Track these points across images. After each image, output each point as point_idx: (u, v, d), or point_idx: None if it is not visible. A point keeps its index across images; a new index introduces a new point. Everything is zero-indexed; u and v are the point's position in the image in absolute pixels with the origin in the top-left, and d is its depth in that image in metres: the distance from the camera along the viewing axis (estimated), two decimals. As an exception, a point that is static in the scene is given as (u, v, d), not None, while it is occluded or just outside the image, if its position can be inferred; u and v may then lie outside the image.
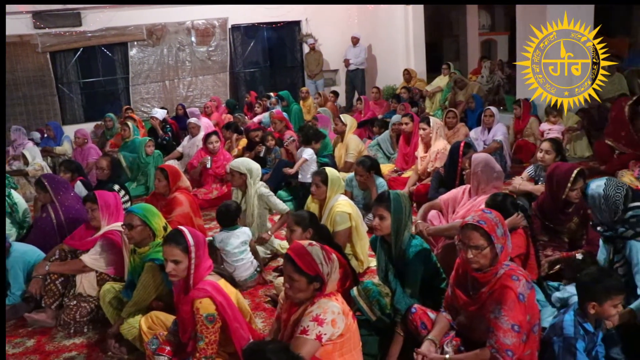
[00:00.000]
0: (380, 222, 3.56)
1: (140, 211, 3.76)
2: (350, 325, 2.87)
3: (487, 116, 7.48)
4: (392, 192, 3.66)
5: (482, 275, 2.93)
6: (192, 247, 3.04)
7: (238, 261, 4.69)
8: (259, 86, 14.69)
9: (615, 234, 3.29)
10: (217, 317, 2.94)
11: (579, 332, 2.86)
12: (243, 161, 5.38)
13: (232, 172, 5.26)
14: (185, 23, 13.75)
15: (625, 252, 3.26)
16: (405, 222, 3.53)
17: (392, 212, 3.51)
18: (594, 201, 3.31)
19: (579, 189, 4.02)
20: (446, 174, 5.54)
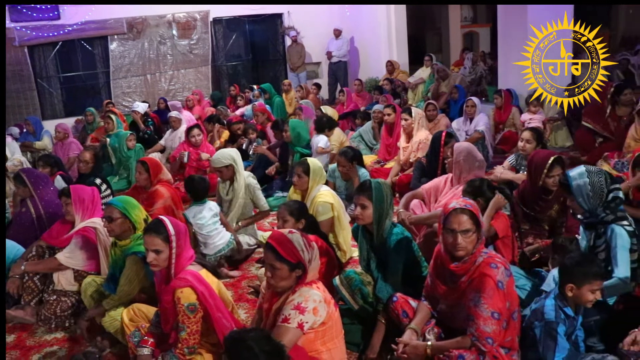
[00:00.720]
0: (362, 211, 3.56)
1: (120, 204, 3.73)
2: (332, 313, 2.87)
3: (469, 107, 7.52)
4: (373, 181, 3.66)
5: (459, 267, 2.94)
6: (173, 237, 3.03)
7: (212, 231, 4.79)
8: (242, 79, 14.62)
9: (597, 220, 3.32)
10: (199, 307, 2.93)
11: (559, 317, 2.88)
12: (222, 153, 5.30)
13: (219, 169, 5.20)
14: (166, 16, 13.62)
15: (607, 236, 3.30)
16: (386, 211, 3.54)
17: (373, 201, 3.51)
18: (580, 190, 3.32)
19: (556, 176, 4.07)
20: (428, 164, 5.57)
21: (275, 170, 6.84)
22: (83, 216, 4.23)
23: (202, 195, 4.91)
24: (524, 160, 5.20)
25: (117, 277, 3.71)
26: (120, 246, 3.78)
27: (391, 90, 10.98)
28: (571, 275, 2.87)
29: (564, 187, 3.44)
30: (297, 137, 6.62)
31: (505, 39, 9.52)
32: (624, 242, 3.24)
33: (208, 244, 4.76)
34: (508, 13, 9.37)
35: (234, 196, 5.18)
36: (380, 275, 3.53)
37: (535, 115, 7.92)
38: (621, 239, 3.24)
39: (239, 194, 5.17)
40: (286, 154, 6.85)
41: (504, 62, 9.63)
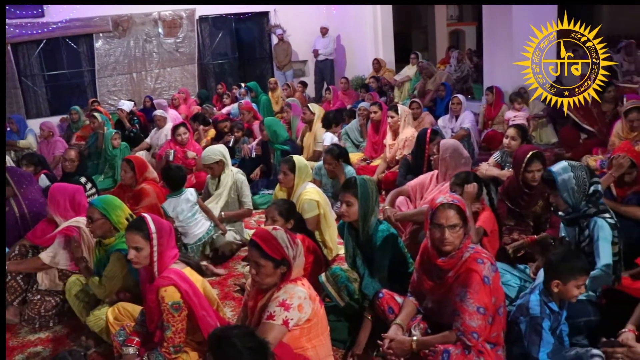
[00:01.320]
0: (348, 209, 3.57)
1: (100, 204, 3.71)
2: (317, 310, 2.87)
3: (455, 104, 7.55)
4: (358, 177, 3.66)
5: (446, 262, 2.95)
6: (154, 235, 3.02)
7: (191, 221, 4.84)
8: (228, 78, 14.57)
9: (580, 214, 3.35)
10: (183, 305, 2.92)
11: (544, 312, 2.90)
12: (212, 150, 5.34)
13: (210, 166, 5.22)
14: (152, 14, 13.55)
15: (590, 229, 3.33)
16: (372, 208, 3.54)
17: (359, 198, 3.52)
18: (565, 184, 3.33)
19: (535, 172, 4.11)
20: (414, 161, 5.58)
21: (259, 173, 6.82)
22: (65, 216, 4.19)
23: (179, 185, 4.95)
24: (509, 157, 5.23)
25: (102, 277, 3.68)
26: (104, 245, 3.76)
27: (377, 88, 11.00)
28: (557, 272, 2.89)
29: (548, 183, 3.44)
30: (274, 134, 6.59)
31: (490, 37, 9.58)
32: (605, 234, 3.28)
33: (188, 234, 4.80)
34: (493, 12, 9.43)
35: (223, 189, 5.21)
36: (366, 271, 3.53)
37: (519, 113, 7.97)
38: (603, 231, 3.28)
39: (227, 185, 5.21)
40: (267, 152, 6.83)
41: (489, 59, 9.69)
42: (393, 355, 2.97)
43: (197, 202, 4.97)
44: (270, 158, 6.78)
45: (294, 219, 3.96)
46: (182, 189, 4.95)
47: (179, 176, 4.97)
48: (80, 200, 4.31)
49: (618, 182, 4.19)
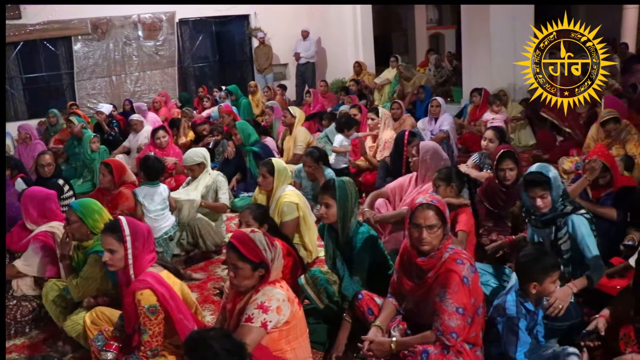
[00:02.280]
0: (326, 210, 3.58)
1: (78, 207, 3.71)
2: (296, 312, 2.88)
3: (434, 106, 7.59)
4: (337, 179, 3.68)
5: (426, 262, 2.97)
6: (128, 237, 3.00)
7: (159, 215, 4.93)
8: (208, 81, 14.50)
9: (558, 213, 3.41)
10: (160, 309, 2.90)
11: (520, 312, 2.93)
12: (194, 152, 5.39)
13: (191, 167, 5.24)
14: (131, 17, 13.42)
15: (568, 228, 3.39)
16: (351, 209, 3.56)
17: (337, 199, 3.54)
18: (556, 182, 3.42)
19: (506, 170, 4.17)
20: (392, 163, 5.60)
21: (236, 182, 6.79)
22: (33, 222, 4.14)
23: (156, 176, 5.06)
24: (487, 159, 5.29)
25: None
26: (83, 247, 3.73)
27: (357, 91, 11.04)
28: (531, 274, 2.93)
29: (538, 183, 3.43)
30: (247, 137, 6.61)
31: (469, 41, 9.68)
32: (588, 229, 3.36)
33: (154, 227, 4.80)
34: (471, 15, 9.53)
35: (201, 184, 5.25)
36: (346, 273, 3.54)
37: (497, 115, 8.05)
38: (585, 227, 3.36)
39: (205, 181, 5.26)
40: (241, 157, 6.80)
41: (468, 62, 9.78)
42: (373, 356, 2.99)
43: (168, 199, 5.04)
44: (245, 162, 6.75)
45: (268, 223, 3.95)
46: (158, 181, 5.06)
47: (156, 167, 5.08)
48: (50, 206, 4.24)
49: (593, 184, 4.26)
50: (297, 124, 7.36)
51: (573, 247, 3.39)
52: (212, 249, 5.16)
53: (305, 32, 13.55)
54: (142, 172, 5.15)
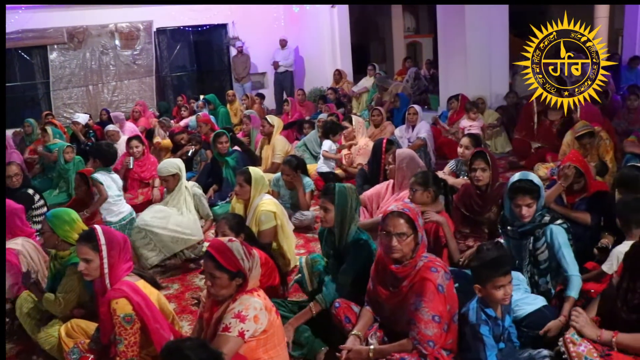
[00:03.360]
0: (325, 214, 3.59)
1: (50, 217, 3.69)
2: (273, 320, 2.86)
3: (411, 114, 7.65)
4: (338, 185, 3.68)
5: (400, 269, 2.98)
6: (103, 246, 2.97)
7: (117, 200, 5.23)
8: (187, 90, 14.44)
9: (537, 223, 3.45)
10: (135, 318, 2.87)
11: (480, 318, 2.93)
12: (169, 162, 5.29)
13: (165, 178, 5.15)
14: (108, 26, 13.37)
15: (546, 238, 3.42)
16: (350, 215, 3.55)
17: (336, 204, 3.53)
18: (542, 192, 3.46)
19: (478, 169, 4.25)
20: (370, 171, 5.64)
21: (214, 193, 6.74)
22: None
23: (111, 160, 5.44)
24: (464, 166, 5.34)
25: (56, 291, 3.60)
26: (60, 257, 3.69)
27: (335, 99, 11.09)
28: (476, 276, 2.95)
29: (528, 191, 3.42)
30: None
31: (445, 49, 9.77)
32: (565, 239, 3.39)
33: (112, 210, 4.79)
34: (447, 24, 9.63)
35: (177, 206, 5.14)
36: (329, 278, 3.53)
37: (474, 122, 8.13)
38: (562, 237, 3.39)
39: (177, 198, 5.14)
40: (217, 167, 6.76)
41: (445, 70, 9.88)
42: (351, 365, 2.98)
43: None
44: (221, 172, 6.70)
45: (245, 233, 3.94)
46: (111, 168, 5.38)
47: (110, 152, 5.41)
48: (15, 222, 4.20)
49: (568, 190, 4.34)
50: (276, 132, 7.35)
51: (550, 256, 3.42)
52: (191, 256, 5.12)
53: (284, 40, 13.61)
54: (98, 159, 5.51)
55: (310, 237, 5.66)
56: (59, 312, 3.57)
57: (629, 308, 2.73)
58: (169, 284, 4.84)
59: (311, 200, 5.90)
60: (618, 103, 8.69)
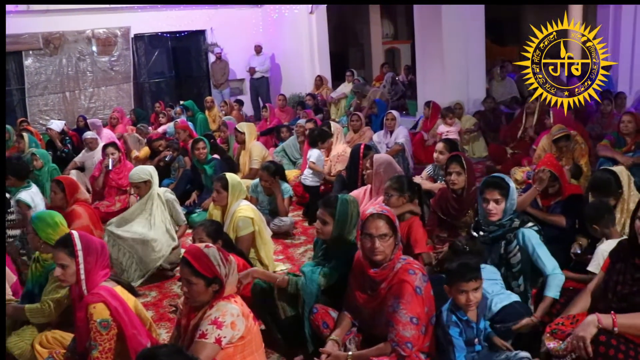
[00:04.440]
0: (322, 227, 3.52)
1: (34, 218, 3.72)
2: (251, 327, 2.85)
3: (389, 120, 7.69)
4: (341, 197, 3.58)
5: (378, 273, 3.00)
6: (79, 252, 2.94)
7: None
8: (165, 97, 14.35)
9: (507, 228, 3.49)
10: (112, 323, 2.84)
11: (450, 319, 2.96)
12: (141, 169, 5.24)
13: (137, 185, 5.11)
14: (85, 32, 13.22)
15: (518, 241, 3.46)
16: (348, 230, 3.49)
17: (335, 218, 3.47)
18: (513, 194, 3.51)
19: (454, 173, 4.30)
20: (348, 176, 5.65)
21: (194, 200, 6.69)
22: None
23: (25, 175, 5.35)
24: (441, 170, 5.38)
25: (35, 294, 3.59)
26: (43, 260, 3.67)
27: (314, 105, 11.12)
28: (447, 278, 2.99)
29: (497, 186, 3.51)
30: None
31: (423, 55, 9.86)
32: (538, 240, 3.44)
33: None
34: (425, 30, 9.71)
35: (150, 213, 5.09)
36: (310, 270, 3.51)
37: (451, 128, 8.20)
38: (535, 239, 3.43)
39: (150, 205, 5.09)
40: (197, 174, 6.73)
41: (422, 76, 9.96)
42: (330, 371, 2.99)
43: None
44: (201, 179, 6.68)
45: (222, 239, 3.93)
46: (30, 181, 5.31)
47: (20, 166, 5.33)
48: None
49: (543, 193, 4.40)
50: (249, 139, 7.32)
51: (523, 259, 3.45)
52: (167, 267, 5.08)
53: (259, 46, 13.68)
54: (12, 175, 5.32)
55: (288, 243, 5.67)
56: (46, 317, 3.51)
57: (619, 298, 2.79)
58: (146, 291, 4.82)
59: (290, 206, 5.91)
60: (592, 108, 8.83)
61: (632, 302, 2.73)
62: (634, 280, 2.76)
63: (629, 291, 2.76)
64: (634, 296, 2.74)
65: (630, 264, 2.81)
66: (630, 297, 2.75)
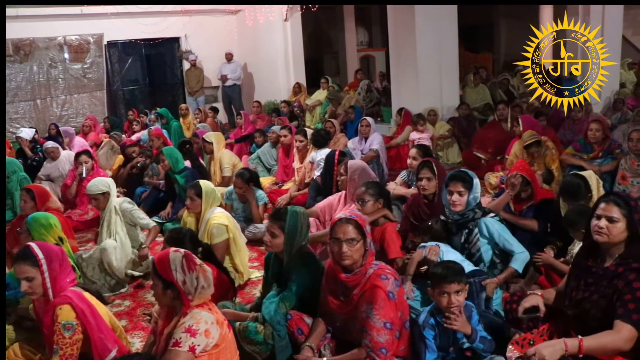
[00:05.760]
0: (272, 240, 3.50)
1: (30, 219, 3.81)
2: (225, 335, 2.83)
3: (364, 126, 7.72)
4: (290, 209, 3.56)
5: (350, 278, 3.00)
6: (42, 260, 2.90)
7: None
8: (139, 104, 14.24)
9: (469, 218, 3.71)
10: (77, 327, 2.79)
11: (427, 322, 3.00)
12: (99, 180, 5.13)
13: (94, 197, 4.98)
14: (56, 38, 13.09)
15: (481, 230, 3.68)
16: (299, 242, 3.46)
17: (285, 231, 3.44)
18: (476, 188, 3.74)
19: (425, 179, 4.38)
20: (323, 183, 5.66)
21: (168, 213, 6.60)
22: None
23: None
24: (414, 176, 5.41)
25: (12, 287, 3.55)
26: None
27: (289, 112, 11.13)
28: (431, 280, 3.04)
29: (461, 179, 3.75)
30: (175, 163, 6.44)
31: (397, 63, 9.91)
32: (501, 226, 3.69)
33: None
34: (399, 38, 9.77)
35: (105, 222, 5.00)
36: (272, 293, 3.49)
37: (423, 135, 8.27)
38: (498, 225, 3.68)
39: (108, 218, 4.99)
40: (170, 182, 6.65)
41: (396, 83, 10.02)
42: (305, 377, 2.98)
43: None
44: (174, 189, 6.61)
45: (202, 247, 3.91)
46: None
47: None
48: None
49: (516, 197, 4.49)
50: (217, 148, 7.27)
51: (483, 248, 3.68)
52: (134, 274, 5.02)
53: (230, 54, 13.69)
54: None
55: (263, 249, 5.63)
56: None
57: (573, 304, 2.82)
58: (120, 300, 4.75)
59: (264, 213, 5.89)
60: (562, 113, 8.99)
61: (584, 308, 2.75)
62: (586, 286, 2.77)
63: (582, 297, 2.78)
64: (585, 302, 2.76)
65: (585, 267, 2.83)
66: (582, 303, 2.77)
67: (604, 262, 2.75)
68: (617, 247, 2.71)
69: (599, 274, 2.72)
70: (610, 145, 5.94)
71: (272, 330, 3.29)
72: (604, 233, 2.68)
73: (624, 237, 2.69)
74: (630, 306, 2.53)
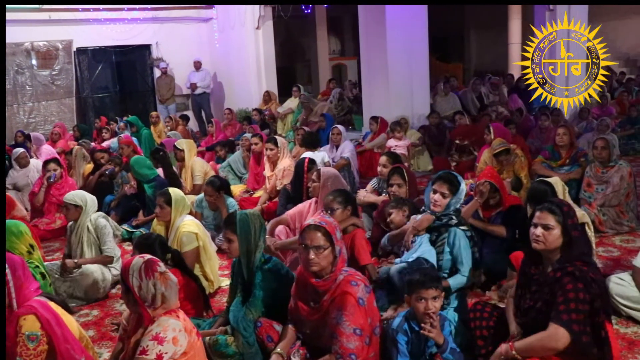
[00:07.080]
0: (229, 245, 3.51)
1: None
2: (194, 342, 2.80)
3: (335, 134, 7.75)
4: (240, 213, 3.58)
5: (321, 283, 2.99)
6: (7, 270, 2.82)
7: None
8: (109, 112, 14.06)
9: (443, 223, 3.77)
10: (42, 338, 2.72)
11: (401, 327, 3.02)
12: (78, 193, 5.06)
13: (67, 205, 4.88)
14: (23, 44, 12.89)
15: (449, 237, 3.73)
16: (255, 244, 3.44)
17: (238, 234, 3.44)
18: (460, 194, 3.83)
19: (395, 185, 4.48)
20: (293, 190, 5.66)
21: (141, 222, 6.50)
22: None
23: None
24: (385, 183, 5.45)
25: None
26: None
27: (260, 120, 11.13)
28: (407, 287, 3.06)
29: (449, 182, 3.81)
30: (139, 175, 6.36)
31: (368, 71, 10.00)
32: (466, 243, 3.71)
33: None
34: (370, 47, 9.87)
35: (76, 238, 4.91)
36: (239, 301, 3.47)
37: (400, 142, 8.34)
38: (464, 241, 3.70)
39: (79, 234, 4.90)
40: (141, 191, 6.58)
41: (368, 91, 10.10)
42: (275, 384, 2.98)
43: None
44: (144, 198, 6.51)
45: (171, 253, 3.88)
46: None
47: None
48: None
49: (484, 204, 4.55)
50: (189, 156, 7.22)
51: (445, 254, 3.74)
52: None
53: (198, 62, 13.68)
54: None
55: (233, 257, 5.61)
56: None
57: (521, 313, 2.88)
58: (88, 310, 4.67)
59: (235, 221, 5.86)
60: (531, 122, 9.16)
61: (530, 317, 2.81)
62: (531, 294, 2.84)
63: (528, 306, 2.84)
64: (531, 311, 2.81)
65: (529, 276, 2.89)
66: (529, 312, 2.83)
67: (546, 269, 2.83)
68: (555, 253, 2.80)
69: (541, 281, 2.81)
70: (576, 153, 6.10)
71: (242, 340, 3.27)
72: (540, 241, 2.78)
73: (560, 243, 2.78)
74: (561, 307, 2.62)
